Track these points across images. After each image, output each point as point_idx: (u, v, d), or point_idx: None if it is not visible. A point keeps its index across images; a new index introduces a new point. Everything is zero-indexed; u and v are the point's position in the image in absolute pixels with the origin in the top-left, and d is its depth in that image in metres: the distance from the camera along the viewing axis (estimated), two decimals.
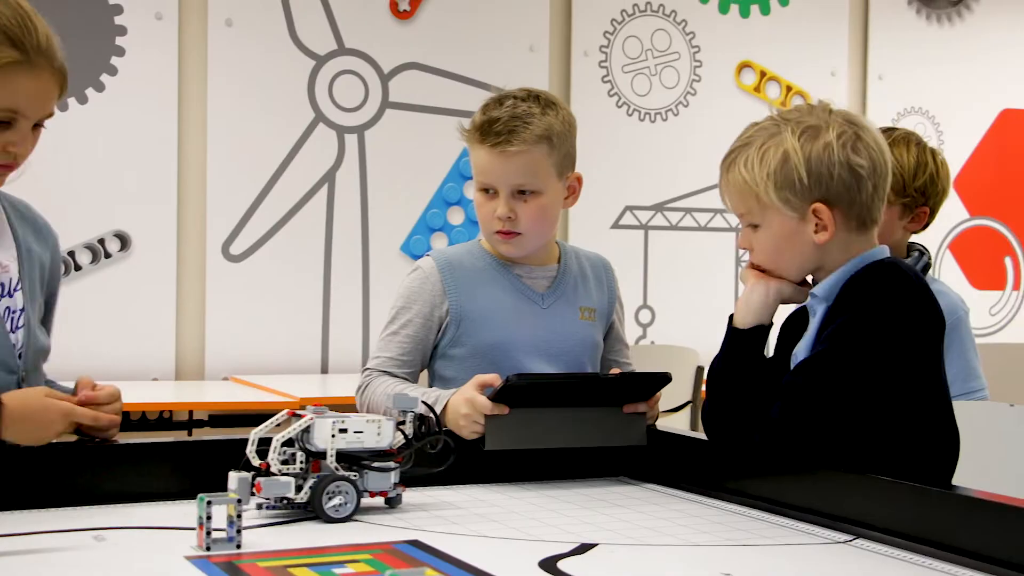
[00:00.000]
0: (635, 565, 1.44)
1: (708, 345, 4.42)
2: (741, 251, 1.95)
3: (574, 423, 1.98)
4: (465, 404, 1.95)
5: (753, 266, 1.96)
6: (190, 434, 4.27)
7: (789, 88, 5.70)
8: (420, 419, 1.74)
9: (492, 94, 2.27)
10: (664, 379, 2.01)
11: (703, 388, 4.06)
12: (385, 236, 4.97)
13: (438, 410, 2.00)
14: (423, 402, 1.77)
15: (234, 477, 1.63)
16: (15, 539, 1.48)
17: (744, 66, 5.64)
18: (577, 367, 2.23)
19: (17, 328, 1.88)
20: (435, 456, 1.76)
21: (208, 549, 1.44)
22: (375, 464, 1.68)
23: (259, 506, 1.64)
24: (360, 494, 1.65)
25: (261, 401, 3.93)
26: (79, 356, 4.43)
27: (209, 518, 1.45)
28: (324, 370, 4.84)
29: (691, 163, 5.53)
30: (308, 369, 4.80)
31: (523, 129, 2.15)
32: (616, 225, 5.40)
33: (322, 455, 1.64)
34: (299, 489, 1.62)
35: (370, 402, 2.16)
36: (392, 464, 1.69)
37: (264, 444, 1.65)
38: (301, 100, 4.84)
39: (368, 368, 2.21)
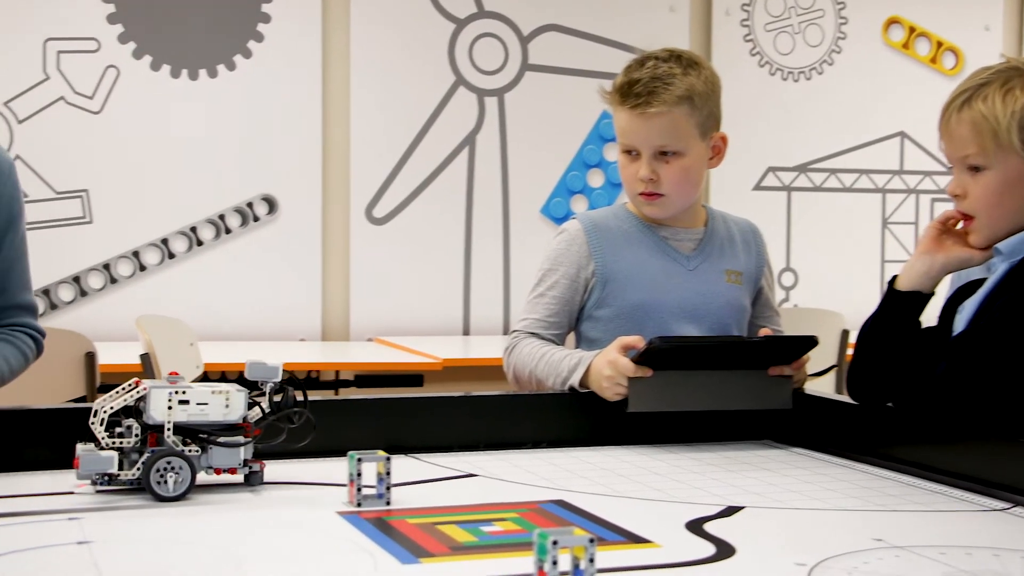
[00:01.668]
0: (783, 529, 1.43)
1: (853, 308, 4.35)
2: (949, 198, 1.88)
3: (718, 386, 1.97)
4: (608, 366, 1.95)
5: (941, 224, 1.90)
6: (336, 393, 4.37)
7: (940, 44, 5.53)
8: (280, 390, 1.58)
9: (634, 55, 2.25)
10: (810, 342, 1.97)
11: (848, 352, 3.99)
12: (525, 199, 4.99)
13: (580, 372, 2.00)
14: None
15: (80, 449, 1.50)
16: (196, 493, 1.53)
17: (892, 22, 5.49)
18: (722, 330, 2.21)
19: None
20: (297, 431, 1.60)
21: (359, 505, 1.48)
22: (220, 439, 1.53)
23: (93, 481, 1.50)
24: (196, 471, 1.51)
25: (405, 362, 3.99)
26: (229, 317, 4.56)
27: (359, 475, 1.48)
28: (466, 332, 4.89)
29: (836, 123, 5.41)
30: (450, 331, 4.86)
31: (663, 90, 2.13)
32: (758, 187, 5.32)
33: (160, 428, 1.51)
34: (132, 464, 1.49)
35: (517, 364, 2.17)
36: (240, 439, 1.54)
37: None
38: (442, 64, 4.88)
39: (515, 330, 2.23)
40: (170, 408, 1.50)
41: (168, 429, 1.50)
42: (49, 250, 4.40)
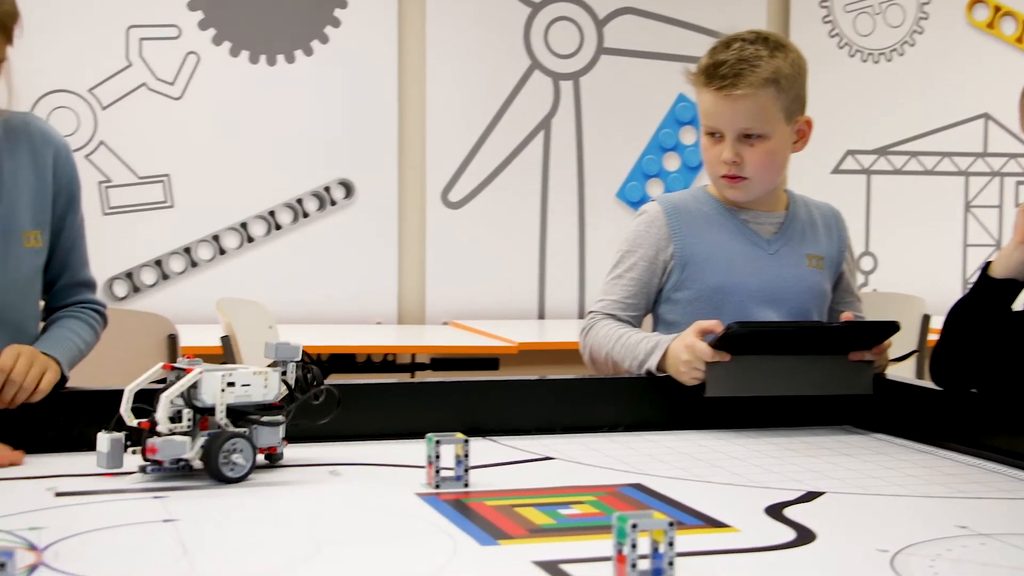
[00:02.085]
0: (864, 515, 1.41)
1: (935, 293, 4.28)
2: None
3: (797, 371, 1.95)
4: (685, 351, 1.94)
5: None
6: (413, 376, 4.39)
7: None
8: (303, 369, 1.60)
9: (713, 38, 2.23)
10: (892, 327, 1.95)
11: (930, 337, 3.92)
12: (601, 183, 4.98)
13: (658, 355, 1.99)
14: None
15: (104, 439, 1.49)
16: (259, 473, 1.55)
17: (976, 1, 5.38)
18: (802, 315, 2.19)
19: None
20: (319, 408, 1.61)
21: (438, 487, 1.48)
22: (264, 419, 1.55)
23: (142, 468, 1.50)
24: (256, 451, 1.53)
25: (480, 346, 4.00)
26: (307, 300, 4.61)
27: (438, 457, 1.49)
28: (541, 315, 4.89)
29: (917, 105, 5.32)
30: (525, 315, 4.87)
31: (749, 72, 2.11)
32: (837, 170, 5.25)
33: (211, 411, 1.51)
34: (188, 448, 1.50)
35: (593, 345, 2.17)
36: (280, 418, 1.57)
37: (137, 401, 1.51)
38: (517, 47, 4.87)
39: (592, 311, 2.22)
40: (223, 391, 1.50)
41: (221, 412, 1.51)
42: (132, 234, 4.47)
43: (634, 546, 1.07)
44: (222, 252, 4.58)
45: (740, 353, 1.91)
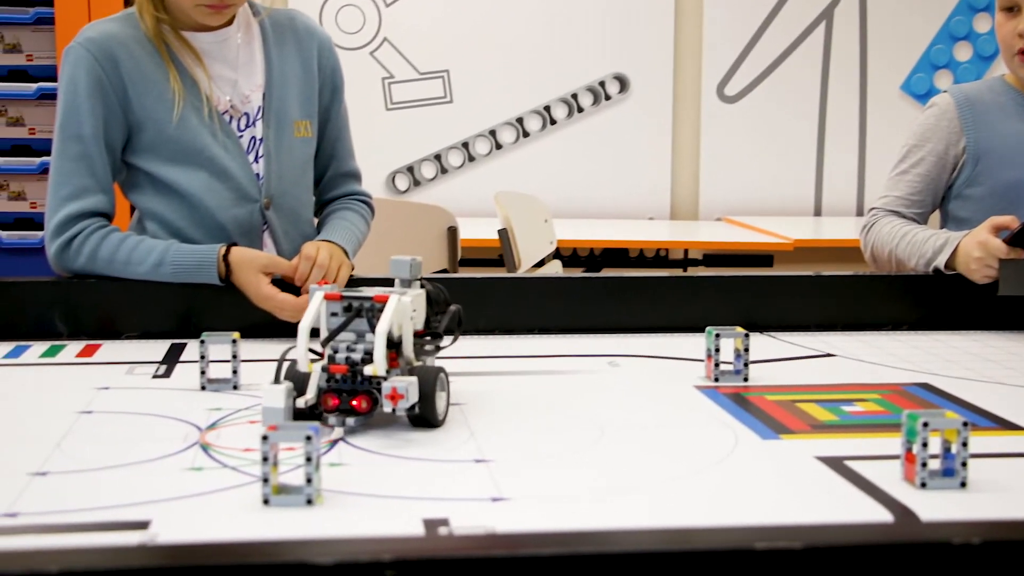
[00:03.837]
0: None
1: None
2: None
3: None
4: (978, 247, 1.86)
5: None
6: (685, 271, 4.38)
7: None
8: (432, 286, 1.34)
9: None
10: None
11: None
12: (884, 74, 4.77)
13: (947, 253, 1.92)
14: None
15: (275, 391, 1.20)
16: (539, 360, 1.60)
17: None
18: None
19: (259, 157, 1.90)
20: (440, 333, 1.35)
21: (717, 380, 1.49)
22: (427, 347, 1.33)
23: (342, 423, 1.23)
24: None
25: (754, 242, 3.95)
26: (580, 195, 4.65)
27: (717, 351, 1.49)
28: (817, 212, 4.77)
29: None
30: (801, 211, 4.76)
31: None
32: None
33: (399, 345, 1.26)
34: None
35: (876, 243, 2.11)
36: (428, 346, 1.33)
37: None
38: None
39: (875, 208, 2.15)
40: (412, 318, 1.28)
41: (408, 345, 1.27)
42: (412, 128, 4.61)
43: (925, 445, 1.05)
44: (498, 147, 4.67)
45: None
